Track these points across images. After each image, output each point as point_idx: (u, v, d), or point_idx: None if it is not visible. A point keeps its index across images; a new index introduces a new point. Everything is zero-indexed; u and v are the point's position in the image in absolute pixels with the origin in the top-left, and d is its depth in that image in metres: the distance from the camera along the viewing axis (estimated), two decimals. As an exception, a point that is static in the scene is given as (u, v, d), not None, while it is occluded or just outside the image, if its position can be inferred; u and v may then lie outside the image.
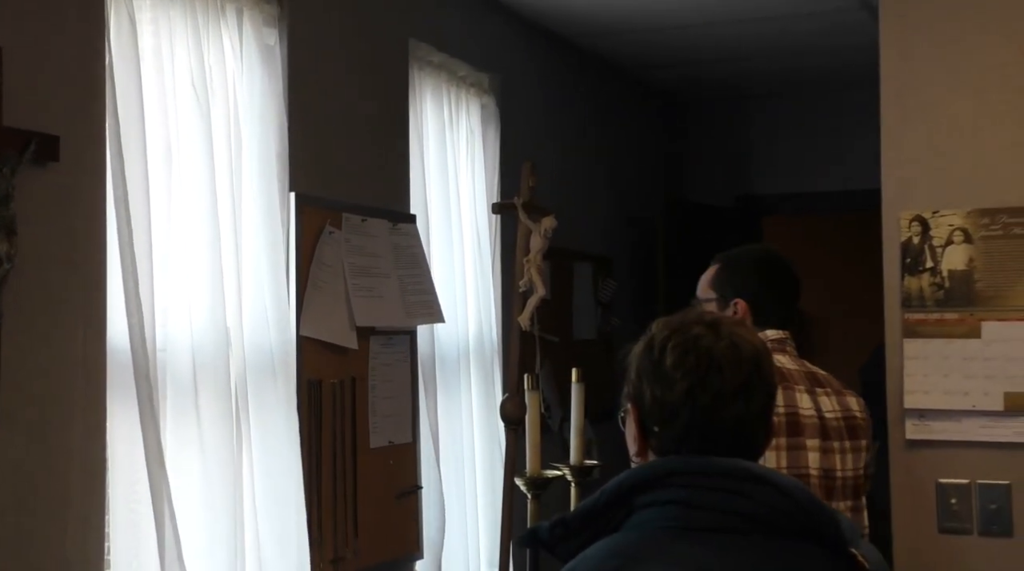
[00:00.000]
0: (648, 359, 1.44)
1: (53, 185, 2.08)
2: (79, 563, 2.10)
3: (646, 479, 1.35)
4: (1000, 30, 3.00)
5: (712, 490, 1.33)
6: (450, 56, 3.51)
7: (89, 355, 2.14)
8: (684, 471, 1.35)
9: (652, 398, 1.42)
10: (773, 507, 1.32)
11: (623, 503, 1.36)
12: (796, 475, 2.20)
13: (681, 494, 1.33)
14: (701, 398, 1.40)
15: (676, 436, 1.40)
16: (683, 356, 1.41)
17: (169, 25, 2.37)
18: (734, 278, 2.53)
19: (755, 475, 1.34)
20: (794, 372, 2.39)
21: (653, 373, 1.43)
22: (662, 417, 1.42)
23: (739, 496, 1.32)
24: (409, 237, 3.13)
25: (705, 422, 1.40)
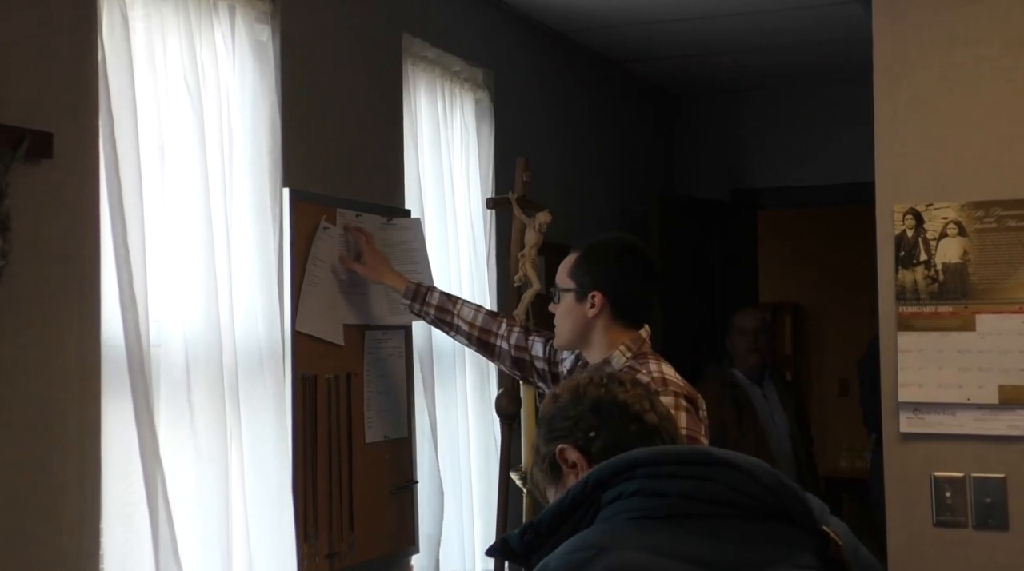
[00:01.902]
0: (550, 412, 1.60)
1: (46, 182, 2.07)
2: (73, 559, 2.10)
3: (611, 473, 1.36)
4: (993, 22, 3.00)
5: (675, 477, 1.33)
6: (444, 51, 3.51)
7: (83, 351, 2.14)
8: (646, 461, 1.36)
9: (571, 421, 1.57)
10: (738, 489, 1.32)
11: (590, 500, 1.36)
12: None
13: (646, 484, 1.33)
14: (613, 389, 1.57)
15: (614, 424, 1.53)
16: (578, 384, 1.61)
17: (161, 22, 2.37)
18: (593, 268, 2.43)
19: (717, 459, 1.35)
20: (686, 389, 2.35)
21: (560, 410, 1.59)
22: (592, 421, 1.55)
23: (703, 481, 1.33)
24: (405, 232, 3.13)
25: (624, 407, 1.55)
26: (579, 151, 4.56)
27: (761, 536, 1.32)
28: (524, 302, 3.08)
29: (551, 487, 1.58)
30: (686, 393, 2.31)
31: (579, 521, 1.36)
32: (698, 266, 5.21)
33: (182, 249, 2.40)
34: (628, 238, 2.54)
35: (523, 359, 2.79)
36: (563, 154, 4.36)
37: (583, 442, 1.53)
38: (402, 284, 2.90)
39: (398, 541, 3.12)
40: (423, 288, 2.89)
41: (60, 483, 2.08)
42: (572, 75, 4.55)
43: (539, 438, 1.60)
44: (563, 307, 2.48)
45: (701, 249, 5.25)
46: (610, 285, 2.40)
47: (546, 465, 1.57)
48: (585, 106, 4.66)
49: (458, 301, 2.90)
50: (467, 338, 2.87)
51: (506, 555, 1.41)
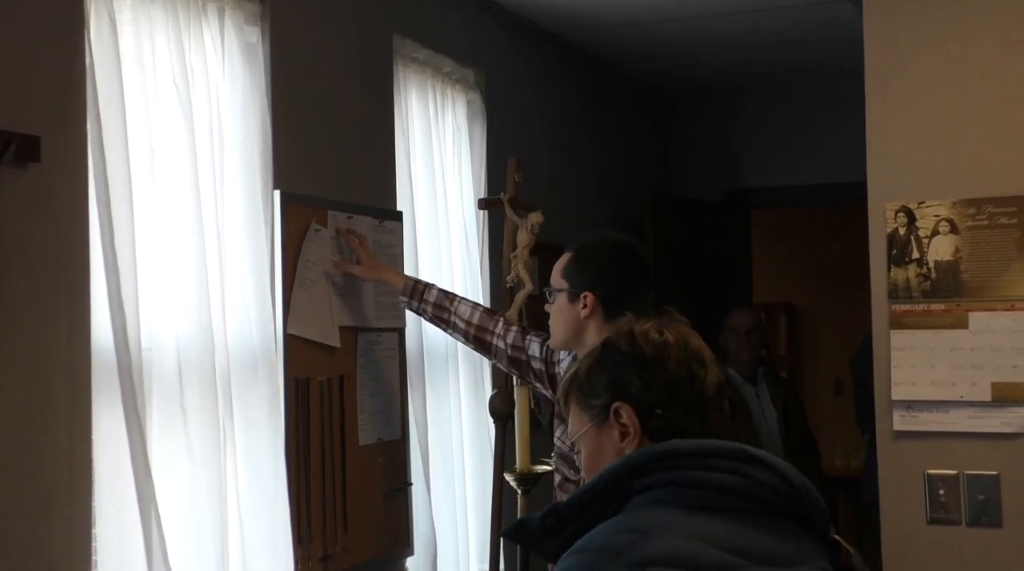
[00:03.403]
0: (624, 354, 1.50)
1: (35, 186, 2.07)
2: (65, 565, 2.09)
3: (645, 462, 1.37)
4: (983, 21, 3.00)
5: (711, 470, 1.34)
6: (435, 52, 3.51)
7: (73, 355, 2.13)
8: (687, 452, 1.36)
9: (643, 384, 1.47)
10: (771, 487, 1.34)
11: (621, 488, 1.36)
12: None
13: (683, 475, 1.34)
14: (698, 372, 1.49)
15: (682, 410, 1.46)
16: (660, 339, 1.51)
17: (150, 24, 2.36)
18: (587, 269, 2.44)
19: (751, 456, 1.37)
20: None
21: (635, 362, 1.49)
22: (662, 397, 1.47)
23: (739, 476, 1.34)
24: (392, 235, 3.13)
25: (700, 396, 1.48)
26: (572, 152, 4.56)
27: (788, 533, 1.35)
28: (517, 303, 3.08)
29: (589, 423, 1.51)
30: None
31: (605, 507, 1.36)
32: (692, 266, 5.21)
33: (173, 252, 2.39)
34: (620, 238, 2.54)
35: (520, 359, 2.79)
36: (556, 155, 4.36)
37: (645, 411, 1.47)
38: (400, 281, 2.91)
39: (392, 544, 3.11)
40: (421, 285, 2.90)
41: (50, 489, 2.07)
42: (564, 76, 4.55)
43: (598, 371, 1.52)
44: (556, 307, 2.48)
45: (695, 249, 5.25)
46: (601, 285, 2.40)
47: (598, 405, 1.50)
48: (577, 107, 4.66)
49: (455, 298, 2.90)
50: (464, 336, 2.87)
51: (522, 538, 1.41)
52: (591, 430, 1.51)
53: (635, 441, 1.46)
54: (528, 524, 1.40)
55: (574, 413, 1.55)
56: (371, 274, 2.93)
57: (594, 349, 1.56)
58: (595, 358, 1.54)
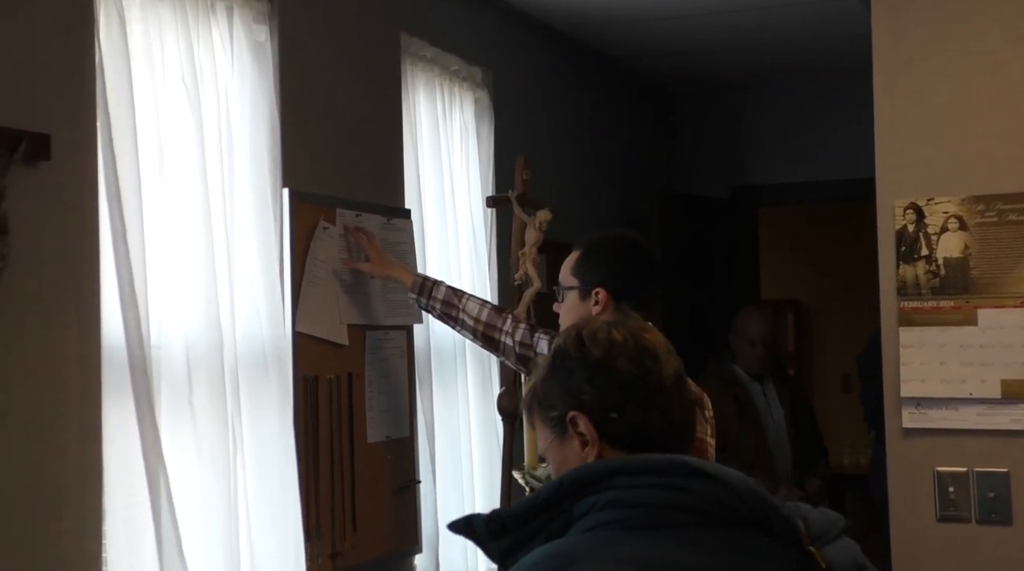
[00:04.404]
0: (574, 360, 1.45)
1: (45, 184, 2.07)
2: (75, 561, 2.10)
3: (586, 480, 1.33)
4: (992, 17, 3.00)
5: (651, 487, 1.31)
6: (442, 50, 3.51)
7: (84, 353, 2.13)
8: (623, 470, 1.33)
9: (595, 390, 1.43)
10: (714, 500, 1.31)
11: (562, 505, 1.33)
12: None
13: (620, 494, 1.31)
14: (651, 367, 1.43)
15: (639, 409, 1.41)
16: (608, 339, 1.45)
17: (159, 23, 2.36)
18: (597, 265, 2.42)
19: (693, 469, 1.33)
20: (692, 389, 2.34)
21: (586, 366, 1.44)
22: (617, 399, 1.42)
23: (679, 491, 1.31)
24: (401, 233, 3.13)
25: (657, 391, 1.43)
26: (579, 149, 4.56)
27: (736, 547, 1.30)
28: (525, 300, 3.08)
29: (551, 435, 1.47)
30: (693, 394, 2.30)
31: (549, 522, 1.33)
32: (698, 264, 5.21)
33: (182, 250, 2.40)
34: (630, 234, 2.54)
35: (528, 356, 2.79)
36: (563, 152, 4.36)
37: (600, 419, 1.42)
38: (409, 278, 2.91)
39: (401, 541, 3.11)
40: (429, 282, 2.90)
41: (61, 485, 2.08)
42: (571, 73, 4.54)
43: (553, 381, 1.47)
44: (567, 305, 2.47)
45: (701, 247, 5.25)
46: (613, 281, 2.39)
47: (555, 416, 1.46)
48: (584, 104, 4.65)
49: (464, 295, 2.90)
50: (472, 333, 2.87)
51: (467, 534, 1.38)
52: (554, 443, 1.47)
53: (595, 450, 1.42)
54: (474, 523, 1.38)
55: (538, 427, 1.51)
56: (380, 271, 2.93)
57: (547, 357, 1.51)
58: (548, 368, 1.49)
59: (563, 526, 1.33)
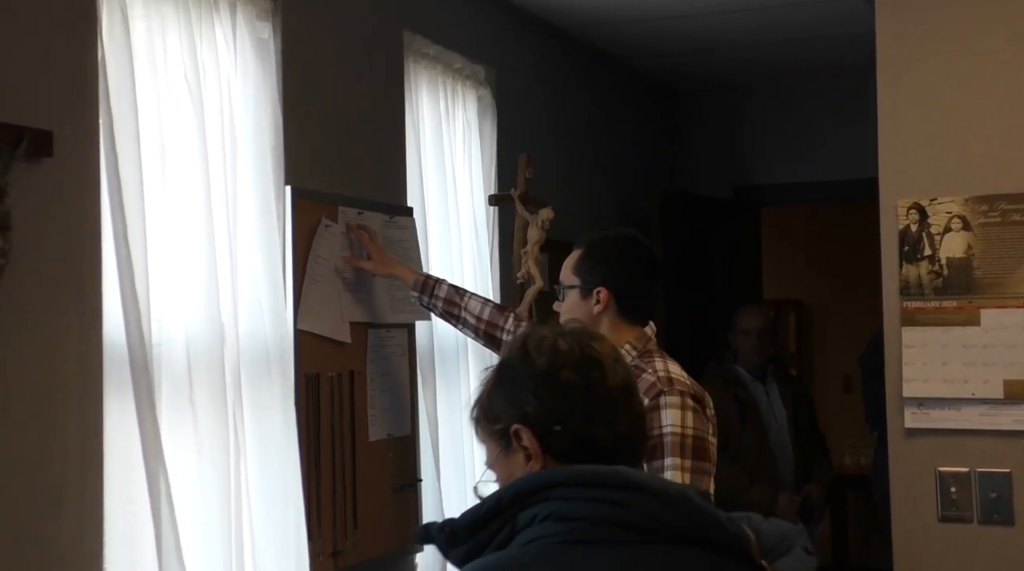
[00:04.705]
0: (518, 371, 1.42)
1: (47, 180, 2.07)
2: (75, 560, 2.09)
3: (525, 492, 1.31)
4: (995, 17, 3.00)
5: (589, 500, 1.29)
6: (445, 48, 3.50)
7: (85, 350, 2.13)
8: (562, 482, 1.30)
9: (539, 401, 1.39)
10: (653, 516, 1.28)
11: (505, 516, 1.31)
12: None
13: (559, 507, 1.29)
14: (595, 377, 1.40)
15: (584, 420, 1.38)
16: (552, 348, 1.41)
17: (161, 20, 2.36)
18: (599, 265, 2.41)
19: (632, 483, 1.30)
20: (693, 388, 2.32)
21: (531, 377, 1.41)
22: (560, 411, 1.39)
23: (616, 506, 1.28)
24: (404, 231, 3.12)
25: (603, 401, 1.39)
26: (581, 148, 4.56)
27: (678, 565, 1.28)
28: (527, 299, 3.08)
29: (497, 449, 1.44)
30: (693, 392, 2.30)
31: (496, 532, 1.31)
32: (701, 263, 5.20)
33: (184, 247, 2.39)
34: (631, 233, 2.53)
35: None
36: (565, 151, 4.36)
37: (544, 432, 1.39)
38: (411, 276, 2.91)
39: (402, 539, 3.11)
40: (431, 280, 2.90)
41: (62, 482, 2.08)
42: (574, 72, 4.54)
43: (497, 392, 1.45)
44: (568, 304, 2.47)
45: (704, 246, 5.24)
46: (614, 280, 2.39)
47: (499, 429, 1.43)
48: (587, 103, 4.65)
49: (466, 294, 2.90)
50: (474, 331, 2.87)
51: (426, 542, 1.37)
52: (500, 456, 1.44)
53: (538, 464, 1.39)
54: (430, 531, 1.37)
55: (483, 439, 1.48)
56: (381, 269, 2.93)
57: (493, 368, 1.48)
58: (494, 379, 1.46)
59: (508, 537, 1.31)
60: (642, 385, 2.29)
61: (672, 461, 2.21)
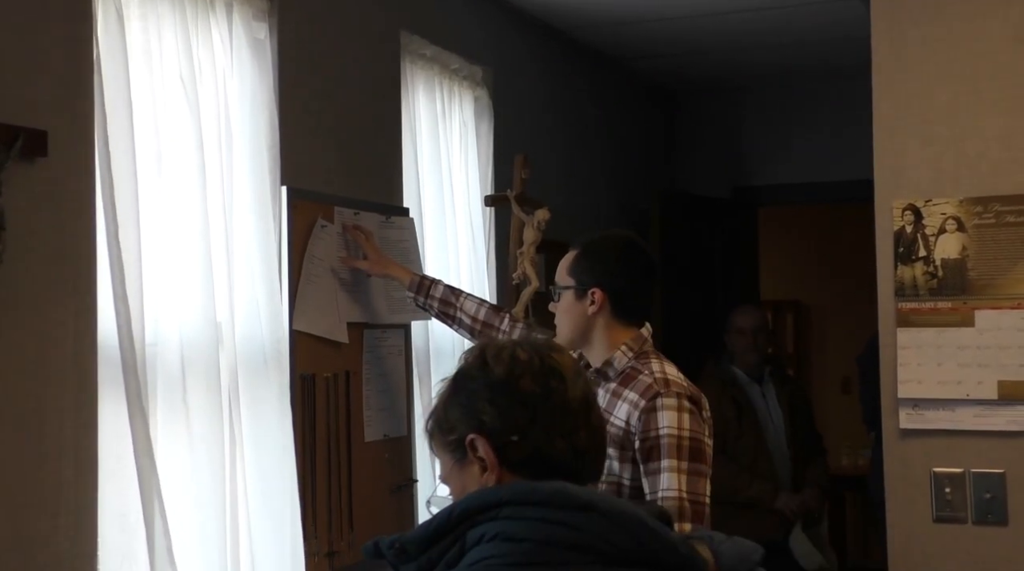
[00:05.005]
0: (476, 381, 1.40)
1: (41, 180, 2.07)
2: (70, 559, 2.10)
3: (474, 510, 1.29)
4: (991, 18, 3.00)
5: (536, 520, 1.27)
6: (443, 49, 3.51)
7: (79, 350, 2.13)
8: (511, 500, 1.28)
9: (496, 411, 1.37)
10: (599, 536, 1.26)
11: (455, 534, 1.30)
12: (694, 501, 2.18)
13: (507, 526, 1.27)
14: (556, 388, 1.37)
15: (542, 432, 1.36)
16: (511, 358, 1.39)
17: (157, 20, 2.36)
18: (594, 265, 2.40)
19: (580, 503, 1.27)
20: (689, 389, 2.31)
21: (488, 386, 1.38)
22: (518, 422, 1.36)
23: (563, 526, 1.26)
24: (402, 231, 3.13)
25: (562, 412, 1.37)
26: (579, 149, 4.56)
27: None
28: (523, 300, 3.08)
29: (451, 461, 1.42)
30: (689, 394, 2.29)
31: (446, 549, 1.30)
32: (699, 264, 5.20)
33: (179, 248, 2.40)
34: (627, 234, 2.53)
35: None
36: (563, 152, 4.36)
37: (501, 443, 1.36)
38: (407, 276, 2.91)
39: (398, 539, 3.11)
40: (427, 280, 2.90)
41: (56, 483, 2.08)
42: (571, 73, 4.55)
43: (453, 402, 1.42)
44: (563, 305, 2.47)
45: (702, 247, 5.25)
46: (610, 281, 2.38)
47: (454, 440, 1.40)
48: (585, 104, 4.66)
49: (461, 294, 2.90)
50: (469, 332, 2.88)
51: (377, 556, 1.35)
52: (454, 469, 1.41)
53: (494, 475, 1.36)
54: (380, 545, 1.35)
55: (438, 451, 1.44)
56: (377, 269, 2.93)
57: (450, 378, 1.45)
58: (450, 389, 1.43)
59: (458, 555, 1.30)
60: (639, 387, 2.29)
61: (669, 463, 2.21)
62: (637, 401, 2.28)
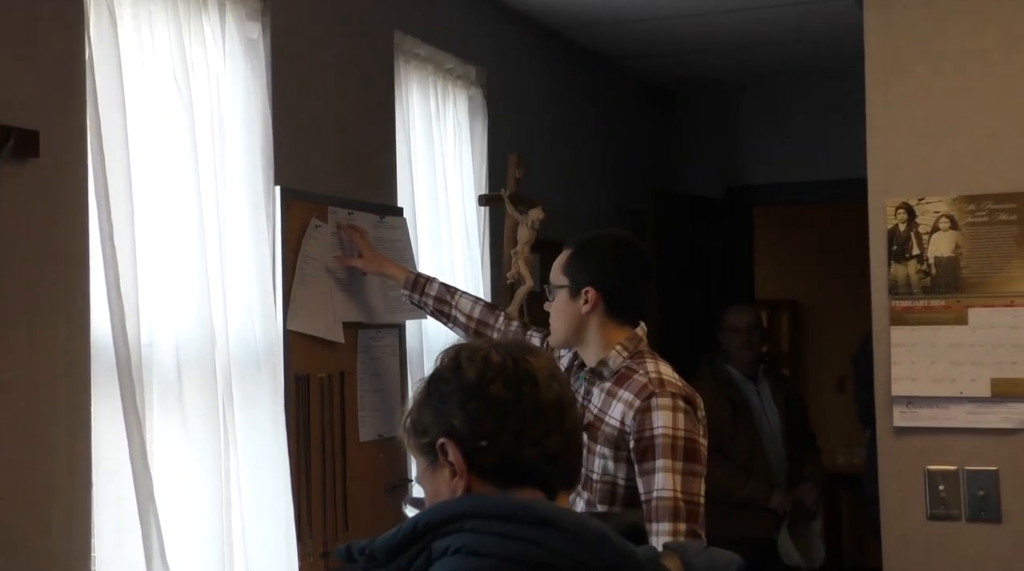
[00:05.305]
0: (449, 384, 1.38)
1: (33, 180, 2.07)
2: (64, 560, 2.09)
3: (438, 523, 1.29)
4: (983, 17, 3.01)
5: (498, 535, 1.26)
6: (436, 48, 3.51)
7: (72, 351, 2.13)
8: (474, 513, 1.28)
9: (467, 416, 1.35)
10: (562, 554, 1.25)
11: (421, 544, 1.30)
12: (689, 501, 2.19)
13: (470, 540, 1.26)
14: (528, 393, 1.35)
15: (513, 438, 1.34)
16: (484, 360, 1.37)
17: (150, 19, 2.36)
18: (589, 265, 2.41)
19: (540, 518, 1.27)
20: (684, 389, 2.31)
21: (461, 390, 1.37)
22: (488, 427, 1.34)
23: (524, 542, 1.25)
24: (396, 230, 3.13)
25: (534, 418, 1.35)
26: (573, 148, 4.56)
27: None
28: (517, 299, 3.08)
29: (424, 463, 1.41)
30: (684, 394, 2.30)
31: (413, 559, 1.30)
32: (694, 263, 5.21)
33: (173, 248, 2.39)
34: (621, 234, 2.53)
35: None
36: (557, 151, 4.36)
37: (470, 448, 1.35)
38: (402, 274, 2.91)
39: (393, 539, 3.11)
40: (422, 278, 2.91)
41: (49, 484, 2.08)
42: (566, 72, 4.55)
43: (427, 404, 1.40)
44: (557, 304, 2.47)
45: (697, 246, 5.25)
46: (603, 280, 2.38)
47: (426, 443, 1.39)
48: (579, 103, 4.66)
49: (456, 292, 2.90)
50: (464, 329, 2.88)
51: (349, 560, 1.35)
52: (427, 471, 1.40)
53: (463, 481, 1.35)
54: (352, 550, 1.34)
55: (412, 453, 1.43)
56: (372, 267, 2.93)
57: (425, 379, 1.44)
58: (425, 390, 1.42)
59: (424, 566, 1.29)
60: (634, 386, 2.30)
61: (663, 463, 2.22)
62: (632, 401, 2.28)
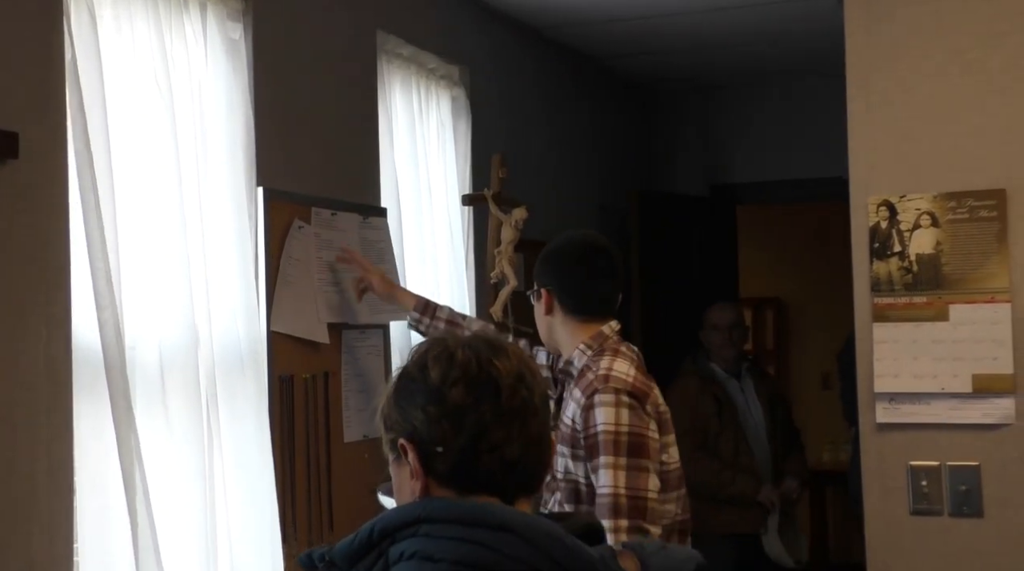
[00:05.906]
0: (415, 383, 1.36)
1: (12, 182, 2.05)
2: (46, 564, 2.08)
3: (393, 528, 1.28)
4: (963, 15, 3.02)
5: (453, 540, 1.25)
6: (419, 48, 3.51)
7: (53, 354, 2.12)
8: (429, 518, 1.27)
9: (426, 419, 1.33)
10: (516, 558, 1.24)
11: (378, 550, 1.29)
12: (633, 497, 2.18)
13: (425, 545, 1.25)
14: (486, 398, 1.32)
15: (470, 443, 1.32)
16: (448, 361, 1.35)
17: (131, 20, 2.35)
18: (543, 268, 2.46)
19: (496, 522, 1.25)
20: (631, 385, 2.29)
21: (424, 391, 1.34)
22: (445, 432, 1.32)
23: (479, 547, 1.24)
24: (378, 231, 3.13)
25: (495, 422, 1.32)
26: (556, 148, 4.57)
27: None
28: (501, 299, 3.09)
29: (391, 457, 1.39)
30: (630, 389, 2.27)
31: (371, 565, 1.29)
32: (677, 262, 5.22)
33: (155, 250, 2.39)
34: (586, 235, 2.53)
35: None
36: (540, 151, 4.37)
37: (426, 453, 1.33)
38: (411, 300, 2.91)
39: (378, 539, 3.11)
40: (432, 304, 2.91)
41: (30, 488, 2.06)
42: (549, 72, 4.55)
43: (394, 402, 1.38)
44: (535, 309, 2.52)
45: (680, 245, 5.27)
46: (556, 282, 2.42)
47: (390, 440, 1.38)
48: (562, 103, 4.66)
49: (466, 316, 2.96)
50: None
51: (310, 568, 1.34)
52: (394, 465, 1.39)
53: (420, 484, 1.33)
54: (312, 557, 1.34)
55: (384, 446, 1.42)
56: (384, 290, 2.93)
57: (396, 374, 1.42)
58: (394, 386, 1.40)
59: (383, 569, 1.29)
60: (583, 384, 2.31)
61: (605, 459, 2.22)
62: (580, 399, 2.30)
